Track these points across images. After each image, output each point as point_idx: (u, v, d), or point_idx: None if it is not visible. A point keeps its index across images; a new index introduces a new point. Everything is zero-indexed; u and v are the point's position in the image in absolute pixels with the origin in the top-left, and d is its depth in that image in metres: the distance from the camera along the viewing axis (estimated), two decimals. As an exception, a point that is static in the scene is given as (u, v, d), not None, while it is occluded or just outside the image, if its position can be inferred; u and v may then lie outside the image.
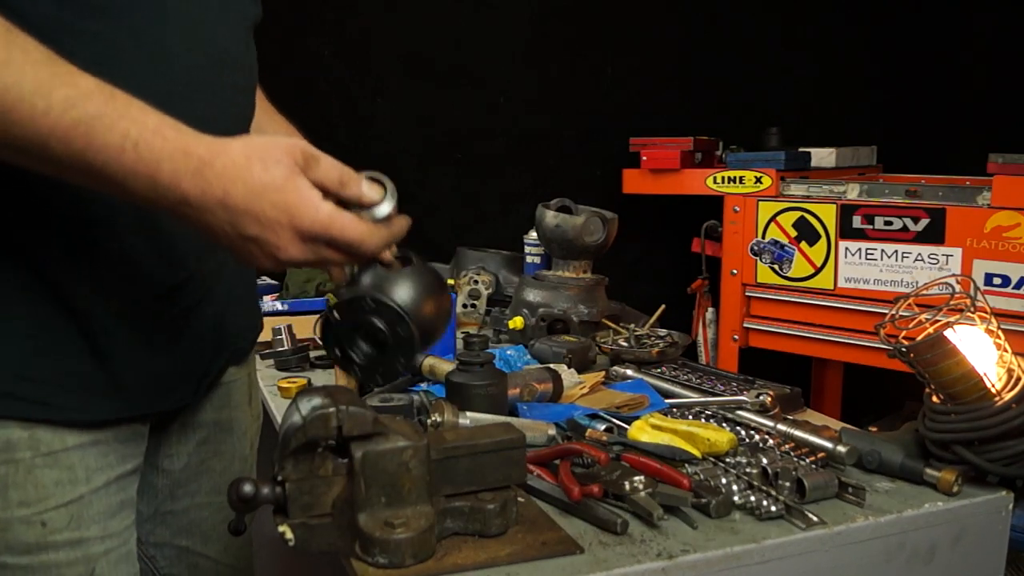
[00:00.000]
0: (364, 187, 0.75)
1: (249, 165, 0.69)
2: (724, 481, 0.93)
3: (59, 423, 0.82)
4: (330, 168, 0.73)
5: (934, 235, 1.97)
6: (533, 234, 1.85)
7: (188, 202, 0.69)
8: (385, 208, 0.77)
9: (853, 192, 2.14)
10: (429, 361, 1.34)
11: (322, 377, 1.47)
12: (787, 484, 0.92)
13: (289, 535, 0.77)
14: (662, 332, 1.57)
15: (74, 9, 0.75)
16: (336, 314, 0.81)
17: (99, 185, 0.69)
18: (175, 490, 1.03)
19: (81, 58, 0.74)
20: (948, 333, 0.94)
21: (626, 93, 2.74)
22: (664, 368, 1.41)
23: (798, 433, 1.06)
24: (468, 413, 1.08)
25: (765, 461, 0.96)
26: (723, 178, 2.31)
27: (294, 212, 0.70)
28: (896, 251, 2.03)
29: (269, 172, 0.69)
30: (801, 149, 2.38)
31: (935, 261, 1.97)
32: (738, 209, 2.29)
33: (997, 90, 2.77)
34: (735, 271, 2.32)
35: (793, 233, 2.20)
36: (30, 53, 0.66)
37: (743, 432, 1.08)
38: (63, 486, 0.83)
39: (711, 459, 1.00)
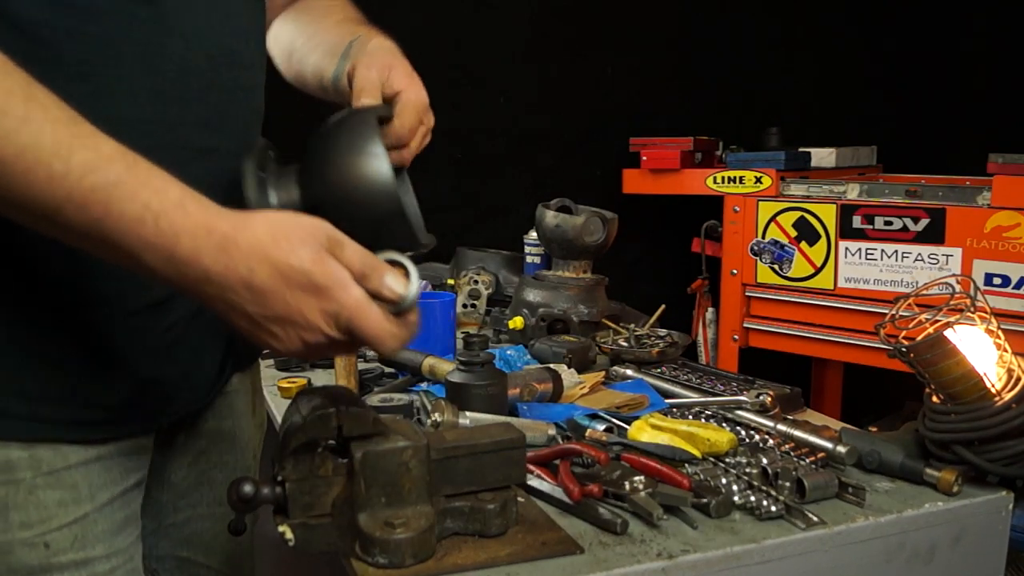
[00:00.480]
0: (388, 279, 0.70)
1: (276, 244, 0.66)
2: (724, 481, 0.93)
3: (60, 440, 0.80)
4: (352, 255, 0.69)
5: (934, 235, 1.97)
6: (533, 234, 1.85)
7: (209, 279, 0.65)
8: (409, 301, 0.70)
9: (853, 192, 2.14)
10: (429, 361, 1.34)
11: (322, 377, 1.47)
12: (787, 484, 0.92)
13: (289, 535, 0.77)
14: (662, 332, 1.57)
15: (68, 11, 0.72)
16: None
17: (111, 255, 0.65)
18: (177, 502, 1.01)
19: (77, 61, 0.73)
20: (948, 333, 0.94)
21: (626, 93, 2.74)
22: (664, 368, 1.41)
23: (798, 433, 1.06)
24: (468, 413, 1.08)
25: (765, 461, 0.96)
26: (723, 178, 2.31)
27: (324, 294, 0.67)
28: (896, 251, 2.03)
29: (296, 253, 0.66)
30: (801, 149, 2.38)
31: (935, 261, 1.97)
32: (738, 209, 2.29)
33: (997, 90, 2.77)
34: (735, 271, 2.31)
35: (793, 233, 2.20)
36: (50, 111, 0.63)
37: (743, 432, 1.08)
38: (66, 506, 0.81)
39: (711, 459, 1.00)
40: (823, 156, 2.45)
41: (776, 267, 2.24)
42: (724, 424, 1.10)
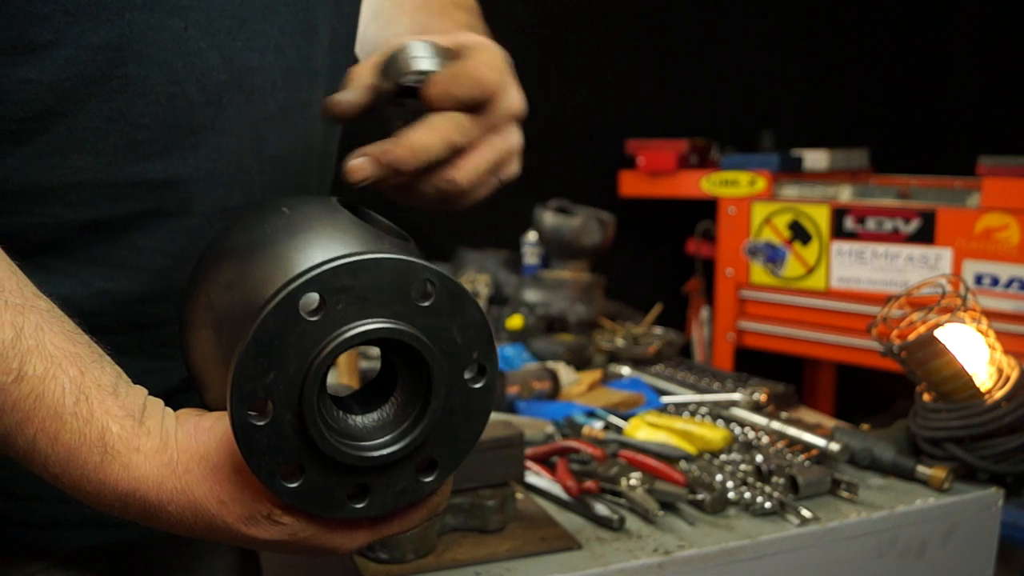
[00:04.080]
0: None
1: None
2: (719, 478, 0.95)
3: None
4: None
5: (925, 236, 1.99)
6: (532, 235, 1.87)
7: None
8: None
9: (845, 194, 2.16)
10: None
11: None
12: (781, 481, 0.93)
13: (293, 530, 0.78)
14: (658, 331, 1.58)
15: None
16: None
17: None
18: (190, 562, 0.84)
19: (5, 118, 0.56)
20: (939, 333, 0.96)
21: (625, 94, 2.75)
22: (660, 366, 1.42)
23: (791, 430, 1.07)
24: (467, 411, 1.09)
25: (759, 458, 0.97)
26: (718, 180, 2.33)
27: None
28: (887, 252, 2.05)
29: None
30: (794, 151, 2.41)
31: (926, 261, 1.99)
32: (732, 211, 2.31)
33: (986, 93, 2.80)
34: (730, 271, 2.33)
35: (786, 234, 2.22)
36: None
37: (737, 429, 1.09)
38: None
39: (706, 456, 1.02)
40: (816, 158, 2.47)
41: (770, 268, 2.26)
42: (719, 422, 1.11)
